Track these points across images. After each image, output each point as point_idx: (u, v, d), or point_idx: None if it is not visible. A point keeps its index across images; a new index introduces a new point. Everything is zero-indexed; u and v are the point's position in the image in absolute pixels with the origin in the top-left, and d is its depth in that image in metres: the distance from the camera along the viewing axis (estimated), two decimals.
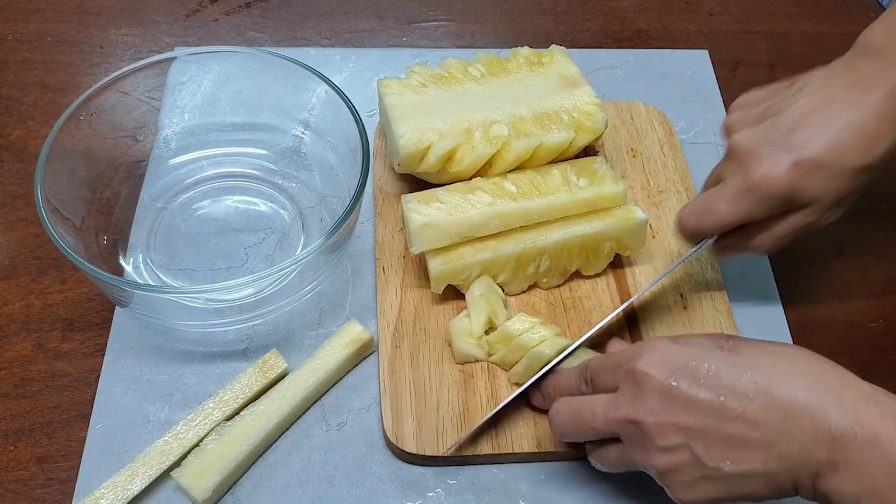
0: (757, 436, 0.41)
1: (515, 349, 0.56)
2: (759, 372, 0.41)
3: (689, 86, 0.79)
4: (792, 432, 0.40)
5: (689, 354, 0.43)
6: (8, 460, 0.55)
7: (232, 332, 0.60)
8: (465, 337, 0.57)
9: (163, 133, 0.67)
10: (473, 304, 0.58)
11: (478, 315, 0.58)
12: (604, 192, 0.60)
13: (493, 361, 0.58)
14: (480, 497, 0.54)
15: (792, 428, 0.40)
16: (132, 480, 0.52)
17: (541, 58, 0.67)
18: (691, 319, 0.61)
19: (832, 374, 0.41)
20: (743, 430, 0.41)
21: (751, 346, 0.44)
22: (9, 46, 0.78)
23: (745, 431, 0.41)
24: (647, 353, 0.44)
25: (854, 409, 0.39)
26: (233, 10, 0.83)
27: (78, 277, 0.63)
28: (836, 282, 0.68)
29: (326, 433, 0.56)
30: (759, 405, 0.41)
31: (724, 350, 0.43)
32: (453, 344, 0.58)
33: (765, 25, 0.86)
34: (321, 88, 0.62)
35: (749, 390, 0.41)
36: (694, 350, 0.43)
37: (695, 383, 0.42)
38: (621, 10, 0.87)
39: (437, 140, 0.60)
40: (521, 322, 0.56)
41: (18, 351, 0.59)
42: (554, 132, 0.62)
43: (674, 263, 0.59)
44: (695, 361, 0.43)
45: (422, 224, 0.57)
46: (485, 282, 0.58)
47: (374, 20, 0.84)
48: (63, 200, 0.57)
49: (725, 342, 0.44)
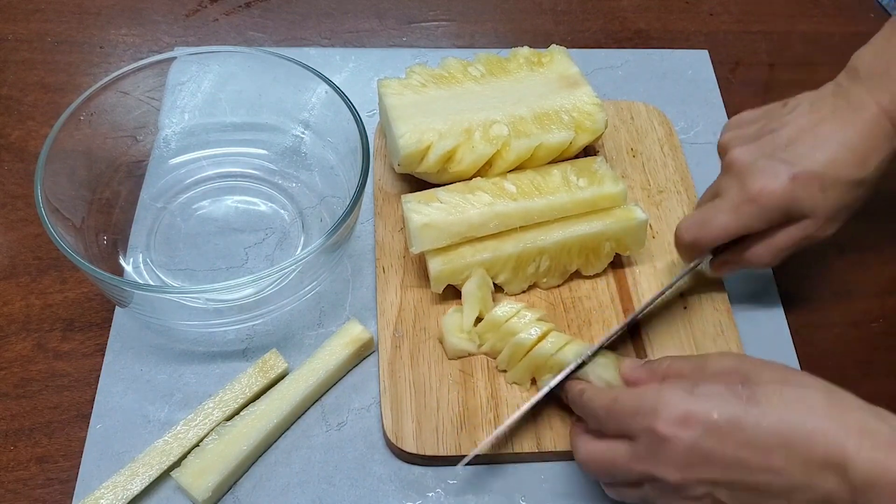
0: (781, 482, 0.41)
1: (504, 336, 0.56)
2: (779, 421, 0.41)
3: (689, 86, 0.79)
4: (814, 480, 0.40)
5: (708, 409, 0.42)
6: (8, 460, 0.55)
7: (232, 332, 0.60)
8: (457, 332, 0.58)
9: (163, 133, 0.67)
10: (468, 297, 0.58)
11: (471, 309, 0.58)
12: (604, 192, 0.60)
13: (483, 352, 0.58)
14: (480, 497, 0.54)
15: (814, 477, 0.40)
16: (132, 480, 0.52)
17: (541, 58, 0.67)
18: (691, 319, 0.61)
19: (852, 417, 0.41)
20: (767, 478, 0.41)
21: (767, 389, 0.43)
22: (9, 46, 0.78)
23: (770, 479, 0.41)
24: (664, 410, 0.43)
25: (873, 458, 0.39)
26: (233, 10, 0.83)
27: (78, 277, 0.63)
28: (836, 282, 0.68)
29: (326, 433, 0.56)
30: (781, 455, 0.41)
31: (742, 400, 0.42)
32: (445, 341, 0.58)
33: (765, 25, 0.86)
34: (321, 88, 0.62)
35: (771, 443, 0.41)
36: (713, 403, 0.43)
37: (717, 441, 0.42)
38: (621, 10, 0.87)
39: (437, 140, 0.60)
40: (507, 308, 0.57)
41: (18, 351, 0.59)
42: (554, 132, 0.62)
43: (673, 278, 0.60)
44: (715, 416, 0.42)
45: (422, 224, 0.57)
46: (479, 275, 0.58)
47: (374, 20, 0.84)
48: (63, 200, 0.57)
49: (742, 389, 0.43)
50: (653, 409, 0.44)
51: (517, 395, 0.57)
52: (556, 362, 0.54)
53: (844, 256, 0.69)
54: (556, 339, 0.55)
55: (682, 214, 0.67)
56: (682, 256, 0.60)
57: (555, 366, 0.54)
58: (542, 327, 0.55)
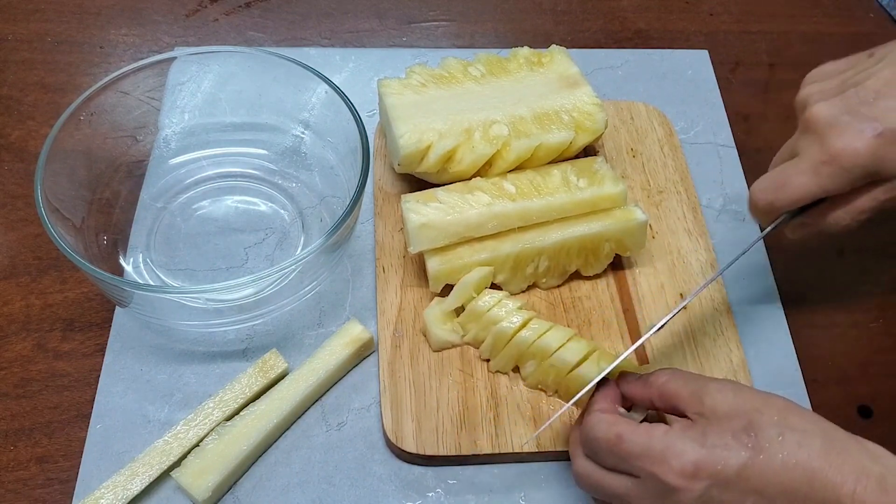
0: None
1: (486, 325, 0.57)
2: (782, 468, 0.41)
3: (689, 86, 0.79)
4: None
5: (716, 461, 0.42)
6: (8, 460, 0.55)
7: (232, 332, 0.60)
8: (440, 323, 0.58)
9: (163, 133, 0.67)
10: (461, 286, 0.58)
11: (457, 297, 0.58)
12: (604, 193, 0.60)
13: (467, 342, 0.59)
14: (480, 497, 0.54)
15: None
16: (132, 480, 0.52)
17: (541, 58, 0.67)
18: (691, 320, 0.61)
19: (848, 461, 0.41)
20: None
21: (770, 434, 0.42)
22: (9, 46, 0.78)
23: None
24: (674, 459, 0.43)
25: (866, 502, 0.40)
26: (233, 10, 0.83)
27: (78, 277, 0.63)
28: (836, 282, 0.68)
29: (326, 433, 0.56)
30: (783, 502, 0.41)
31: (748, 449, 0.42)
32: (429, 333, 0.58)
33: (765, 25, 0.86)
34: (321, 88, 0.62)
35: (773, 491, 0.41)
36: (721, 455, 0.42)
37: (724, 490, 0.42)
38: (621, 10, 0.87)
39: (437, 140, 0.60)
40: (488, 298, 0.57)
41: (18, 351, 0.59)
42: (554, 132, 0.62)
43: (751, 242, 0.55)
44: (723, 468, 0.42)
45: (420, 224, 0.57)
46: (483, 272, 0.58)
47: (374, 20, 0.84)
48: (63, 200, 0.57)
49: (746, 436, 0.43)
50: (662, 456, 0.43)
51: (517, 394, 0.57)
52: (538, 349, 0.55)
53: (844, 257, 0.69)
54: (537, 325, 0.56)
55: (682, 214, 0.67)
56: (755, 219, 0.56)
57: (537, 353, 0.55)
58: (523, 315, 0.56)
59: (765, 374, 0.60)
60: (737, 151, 0.74)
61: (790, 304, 0.65)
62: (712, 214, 0.70)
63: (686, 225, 0.66)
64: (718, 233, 0.68)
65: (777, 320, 0.64)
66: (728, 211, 0.70)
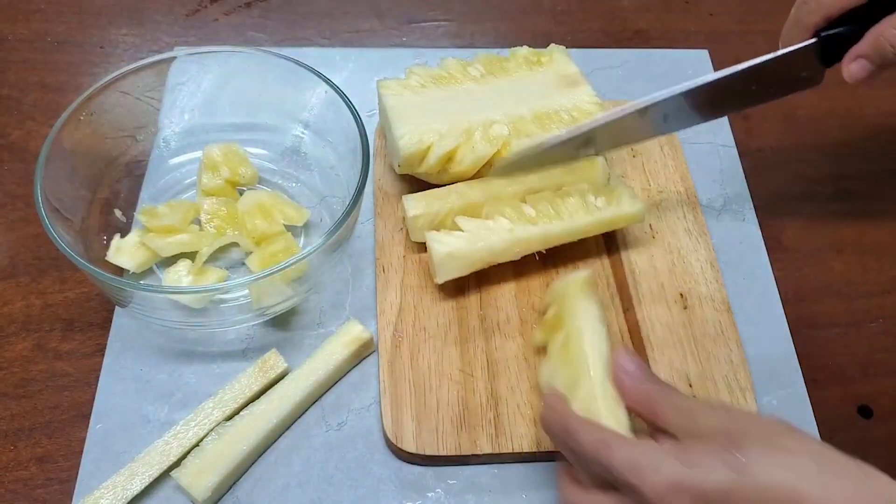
0: None
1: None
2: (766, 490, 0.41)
3: None
4: None
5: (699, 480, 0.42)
6: (8, 460, 0.55)
7: (232, 332, 0.60)
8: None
9: (163, 133, 0.67)
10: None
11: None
12: (622, 213, 0.61)
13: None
14: (480, 497, 0.54)
15: None
16: (132, 480, 0.52)
17: (540, 57, 0.67)
18: (691, 319, 0.61)
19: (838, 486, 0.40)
20: None
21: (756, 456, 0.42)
22: (9, 46, 0.78)
23: None
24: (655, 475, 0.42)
25: None
26: (233, 10, 0.83)
27: (78, 277, 0.63)
28: (836, 282, 0.68)
29: (326, 433, 0.56)
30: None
31: (732, 469, 0.42)
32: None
33: (765, 25, 0.86)
34: (321, 88, 0.62)
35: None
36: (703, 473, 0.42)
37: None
38: (621, 10, 0.87)
39: (438, 141, 0.60)
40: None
41: (18, 351, 0.59)
42: (554, 132, 0.62)
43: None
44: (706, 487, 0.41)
45: (445, 254, 0.57)
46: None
47: (374, 20, 0.84)
48: (63, 200, 0.57)
49: (732, 458, 0.42)
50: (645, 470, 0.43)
51: (517, 394, 0.57)
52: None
53: (844, 256, 0.69)
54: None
55: (682, 214, 0.67)
56: (783, 38, 0.54)
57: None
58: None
59: (765, 374, 0.60)
60: (737, 151, 0.74)
61: (790, 304, 0.65)
62: (712, 214, 0.70)
63: (686, 225, 0.66)
64: (718, 233, 0.68)
65: (777, 320, 0.64)
66: (728, 211, 0.70)
